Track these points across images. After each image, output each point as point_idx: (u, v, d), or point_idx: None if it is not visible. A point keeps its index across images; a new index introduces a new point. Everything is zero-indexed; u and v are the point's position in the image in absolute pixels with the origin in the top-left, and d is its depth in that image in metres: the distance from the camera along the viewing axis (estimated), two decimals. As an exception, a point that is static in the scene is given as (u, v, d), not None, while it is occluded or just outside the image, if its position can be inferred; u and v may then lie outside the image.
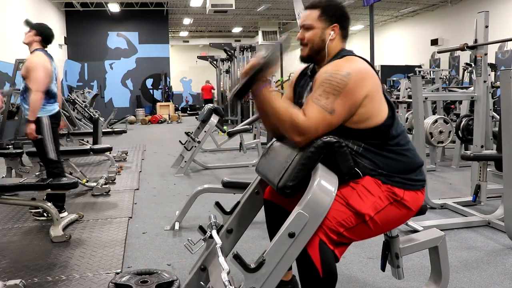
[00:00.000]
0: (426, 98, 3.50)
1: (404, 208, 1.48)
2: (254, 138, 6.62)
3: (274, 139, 1.72)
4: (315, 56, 1.62)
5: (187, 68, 21.38)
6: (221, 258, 1.41)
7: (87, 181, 4.19)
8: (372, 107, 1.46)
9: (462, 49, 3.50)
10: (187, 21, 17.68)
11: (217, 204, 1.80)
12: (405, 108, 6.18)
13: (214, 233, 1.65)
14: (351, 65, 1.47)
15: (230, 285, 1.31)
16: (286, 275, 1.88)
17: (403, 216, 1.51)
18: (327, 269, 1.33)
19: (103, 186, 4.07)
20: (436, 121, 4.48)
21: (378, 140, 1.48)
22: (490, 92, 3.82)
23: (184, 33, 20.72)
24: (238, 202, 1.81)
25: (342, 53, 1.57)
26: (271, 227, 1.79)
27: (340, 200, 1.41)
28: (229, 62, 12.72)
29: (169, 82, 16.32)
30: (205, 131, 5.33)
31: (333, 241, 1.36)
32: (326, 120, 1.42)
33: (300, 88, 1.71)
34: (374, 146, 1.47)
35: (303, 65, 1.76)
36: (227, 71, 12.99)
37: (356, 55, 1.56)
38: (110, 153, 4.79)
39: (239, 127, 6.29)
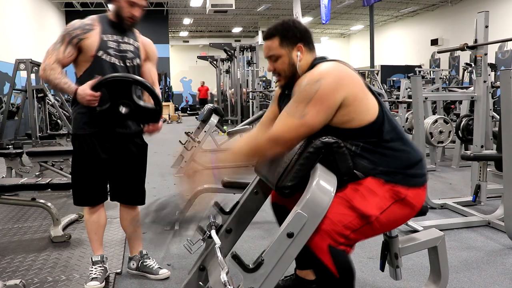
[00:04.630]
0: (426, 98, 3.50)
1: (408, 205, 1.48)
2: (254, 138, 6.60)
3: None
4: (291, 80, 1.61)
5: (187, 68, 21.39)
6: (220, 258, 1.41)
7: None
8: (359, 105, 1.46)
9: (462, 49, 3.49)
10: (187, 21, 17.69)
11: (216, 204, 1.80)
12: (405, 108, 6.18)
13: (213, 233, 1.64)
14: (321, 71, 1.47)
15: (229, 285, 1.31)
16: (309, 274, 1.87)
17: (407, 213, 1.50)
18: (342, 269, 1.34)
19: (103, 186, 4.06)
20: (436, 121, 4.48)
21: (374, 138, 1.47)
22: (490, 92, 3.82)
23: (184, 33, 20.73)
24: (238, 202, 1.81)
25: (314, 63, 1.55)
26: None
27: (344, 203, 1.40)
28: (229, 62, 12.73)
29: (169, 82, 16.33)
30: (205, 131, 5.33)
31: (341, 244, 1.37)
32: (295, 123, 1.44)
33: (283, 104, 1.68)
34: (372, 145, 1.47)
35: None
36: (227, 71, 13.00)
37: (327, 60, 1.55)
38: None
39: (239, 127, 6.28)
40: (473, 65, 3.60)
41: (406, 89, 6.41)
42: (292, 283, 1.31)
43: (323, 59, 1.57)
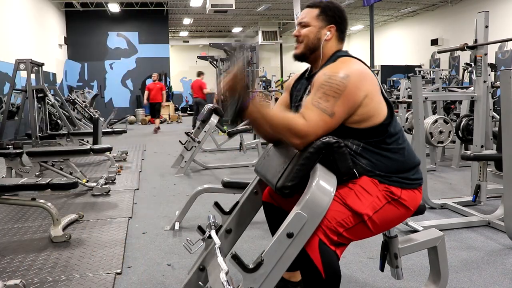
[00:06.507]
0: (426, 98, 3.50)
1: (402, 207, 1.48)
2: (254, 138, 6.61)
3: None
4: (309, 55, 1.62)
5: (187, 68, 21.37)
6: (220, 258, 1.41)
7: (87, 181, 4.19)
8: (373, 107, 1.47)
9: (462, 49, 3.49)
10: (187, 21, 17.68)
11: (216, 204, 1.80)
12: (405, 108, 6.18)
13: (213, 233, 1.65)
14: (349, 67, 1.48)
15: (229, 285, 1.31)
16: (295, 276, 1.88)
17: (401, 215, 1.51)
18: (329, 270, 1.32)
19: (103, 186, 4.07)
20: (436, 121, 4.47)
21: (376, 138, 1.48)
22: (490, 92, 3.82)
23: (184, 33, 20.72)
24: (237, 202, 1.81)
25: (338, 54, 1.57)
26: (273, 229, 1.79)
27: (338, 200, 1.41)
28: (229, 62, 12.71)
29: (169, 82, 16.31)
30: (205, 131, 5.33)
31: (333, 242, 1.36)
32: (326, 122, 1.43)
33: (297, 91, 1.71)
34: (372, 145, 1.48)
35: (301, 70, 1.76)
36: (227, 71, 12.98)
37: (352, 56, 1.57)
38: (110, 153, 4.80)
39: (239, 127, 6.29)
40: (473, 65, 3.60)
41: (406, 89, 6.41)
42: (276, 284, 1.31)
43: (346, 54, 1.58)
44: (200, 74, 10.97)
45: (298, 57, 1.65)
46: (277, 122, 1.44)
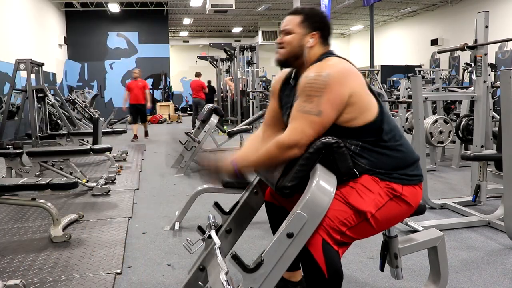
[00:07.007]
0: (426, 98, 3.50)
1: (403, 203, 1.48)
2: (254, 138, 6.60)
3: None
4: (293, 61, 1.62)
5: (187, 68, 21.38)
6: (220, 259, 1.41)
7: (87, 181, 4.19)
8: (362, 103, 1.47)
9: (462, 49, 3.49)
10: (187, 21, 17.69)
11: (216, 204, 1.80)
12: (405, 108, 6.18)
13: (213, 233, 1.65)
14: (330, 65, 1.48)
15: (229, 285, 1.31)
16: (295, 275, 1.88)
17: (403, 211, 1.51)
18: (332, 269, 1.32)
19: (103, 186, 4.07)
20: (436, 121, 4.47)
21: (373, 137, 1.48)
22: (490, 92, 3.82)
23: (184, 33, 20.73)
24: (237, 202, 1.81)
25: (322, 57, 1.56)
26: (275, 229, 1.79)
27: (341, 199, 1.41)
28: (229, 62, 12.73)
29: (169, 82, 16.31)
30: (205, 131, 5.33)
31: (336, 241, 1.36)
32: (314, 122, 1.43)
33: (286, 97, 1.70)
34: (370, 144, 1.48)
35: (282, 74, 1.76)
36: (227, 71, 13.00)
37: (336, 55, 1.57)
38: (110, 153, 4.80)
39: (239, 127, 6.29)
40: (473, 65, 3.60)
41: (406, 89, 6.41)
42: (276, 284, 1.31)
43: (330, 54, 1.58)
44: (199, 74, 10.99)
45: (281, 63, 1.65)
46: (267, 158, 1.50)
